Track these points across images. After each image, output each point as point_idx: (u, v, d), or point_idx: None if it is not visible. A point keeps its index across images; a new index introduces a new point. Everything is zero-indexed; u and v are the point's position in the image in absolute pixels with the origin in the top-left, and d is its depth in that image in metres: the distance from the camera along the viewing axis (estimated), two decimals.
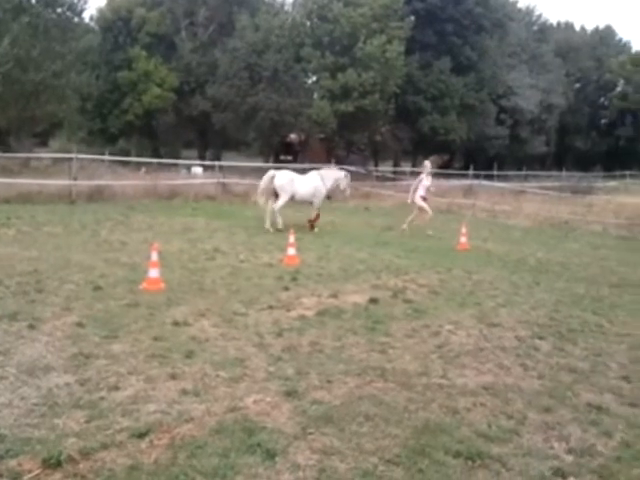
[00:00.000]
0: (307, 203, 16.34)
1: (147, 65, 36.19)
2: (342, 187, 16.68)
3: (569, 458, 4.28)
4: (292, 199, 15.68)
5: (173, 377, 5.31)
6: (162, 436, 4.25)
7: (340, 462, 4.03)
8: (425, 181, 16.48)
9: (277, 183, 15.36)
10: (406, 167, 44.55)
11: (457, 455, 4.19)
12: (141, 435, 4.23)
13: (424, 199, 16.46)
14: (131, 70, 36.36)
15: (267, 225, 15.18)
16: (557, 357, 6.48)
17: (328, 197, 16.71)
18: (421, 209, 16.62)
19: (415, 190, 16.61)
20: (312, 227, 15.68)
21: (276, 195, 15.41)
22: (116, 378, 5.22)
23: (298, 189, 15.58)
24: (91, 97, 36.88)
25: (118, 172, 24.49)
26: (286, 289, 8.93)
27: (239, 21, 36.74)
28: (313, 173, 16.74)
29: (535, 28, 58.95)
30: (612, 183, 41.05)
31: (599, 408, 5.16)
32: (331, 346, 6.43)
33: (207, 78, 37.65)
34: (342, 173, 17.07)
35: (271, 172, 15.86)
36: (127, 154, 34.57)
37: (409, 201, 16.97)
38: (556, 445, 4.47)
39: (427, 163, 17.22)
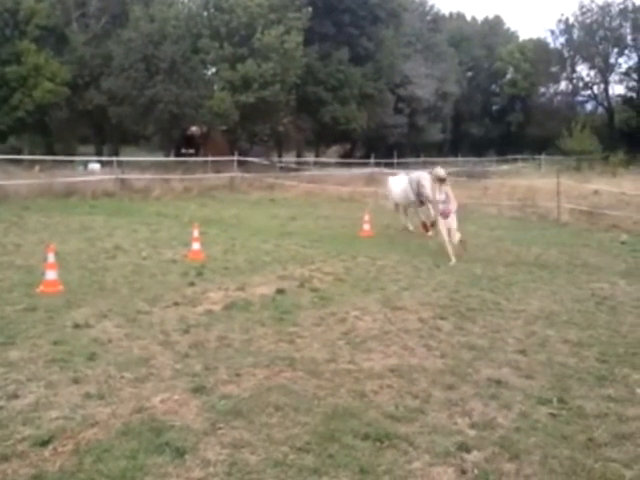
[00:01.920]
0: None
1: (37, 59, 34.49)
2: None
3: (472, 432, 4.46)
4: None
5: (75, 381, 5.15)
6: (66, 442, 4.12)
7: (251, 454, 4.03)
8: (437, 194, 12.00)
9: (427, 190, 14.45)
10: (309, 157, 44.86)
11: (366, 437, 4.28)
12: (44, 443, 4.09)
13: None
14: (20, 64, 34.55)
15: (411, 227, 15.53)
16: (458, 336, 6.73)
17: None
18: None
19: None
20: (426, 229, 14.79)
21: (421, 202, 14.96)
22: (15, 386, 5.01)
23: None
24: None
25: (10, 171, 23.33)
26: (192, 284, 8.83)
27: (133, 12, 35.69)
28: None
29: (429, 18, 60.44)
30: (505, 167, 42.86)
31: (498, 382, 5.40)
32: (239, 339, 6.41)
33: (102, 71, 36.35)
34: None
35: (414, 175, 15.41)
36: (19, 152, 32.96)
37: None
38: (460, 421, 4.65)
39: (438, 171, 12.22)
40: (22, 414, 4.53)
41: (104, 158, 30.63)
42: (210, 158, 30.10)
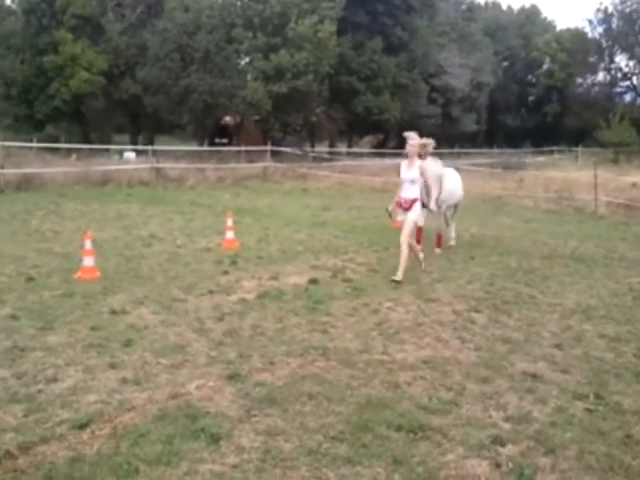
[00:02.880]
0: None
1: (74, 48, 34.94)
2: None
3: (507, 426, 4.42)
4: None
5: (112, 366, 5.23)
6: (103, 426, 4.19)
7: (285, 442, 4.06)
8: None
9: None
10: (342, 147, 44.73)
11: (399, 428, 4.27)
12: (82, 426, 4.16)
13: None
14: (57, 54, 35.05)
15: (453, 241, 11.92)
16: (493, 329, 6.67)
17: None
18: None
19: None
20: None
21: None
22: (54, 370, 5.11)
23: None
24: (16, 82, 35.52)
25: (47, 159, 23.71)
26: (226, 273, 8.89)
27: (167, 2, 35.92)
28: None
29: (464, 7, 59.69)
30: (541, 158, 42.26)
31: (534, 376, 5.34)
32: (273, 328, 6.45)
33: (137, 60, 36.70)
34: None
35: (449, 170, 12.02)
36: (56, 140, 33.45)
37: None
38: (494, 414, 4.61)
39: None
40: (61, 397, 4.61)
41: (139, 147, 30.95)
42: (243, 148, 30.24)
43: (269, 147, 28.15)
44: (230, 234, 11.12)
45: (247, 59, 38.58)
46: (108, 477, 3.58)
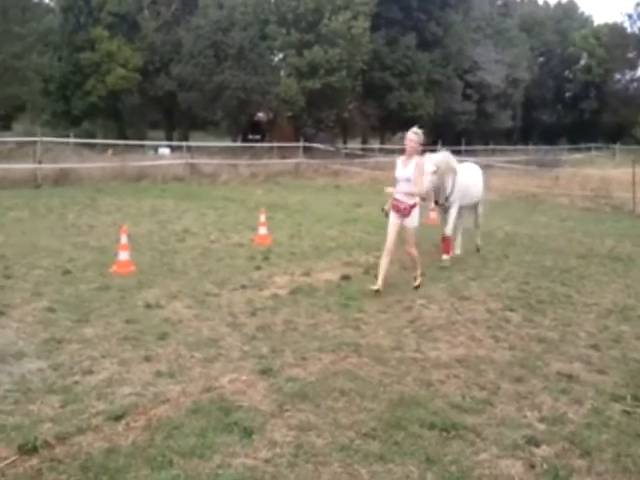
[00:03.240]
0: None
1: (110, 45, 35.41)
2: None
3: (541, 426, 4.37)
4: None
5: (147, 359, 5.29)
6: (138, 418, 4.24)
7: (317, 437, 4.06)
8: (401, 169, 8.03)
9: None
10: (374, 144, 44.58)
11: (432, 427, 4.25)
12: (117, 418, 4.21)
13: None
14: (94, 51, 35.55)
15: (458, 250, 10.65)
16: (527, 328, 6.59)
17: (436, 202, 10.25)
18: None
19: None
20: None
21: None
22: (89, 362, 5.19)
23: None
24: (53, 79, 36.09)
25: (84, 155, 24.11)
26: (258, 268, 8.93)
27: None
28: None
29: (499, 3, 58.86)
30: (578, 156, 41.64)
31: (569, 376, 5.26)
32: (305, 324, 6.46)
33: (172, 57, 37.02)
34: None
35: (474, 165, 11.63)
36: (92, 136, 33.99)
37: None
38: (529, 414, 4.56)
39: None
40: (96, 389, 4.68)
41: (174, 143, 31.24)
42: (276, 144, 30.33)
43: (301, 143, 28.20)
44: (263, 230, 11.17)
45: (280, 55, 38.64)
46: (142, 468, 3.62)
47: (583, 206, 18.72)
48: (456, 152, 34.89)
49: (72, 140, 25.56)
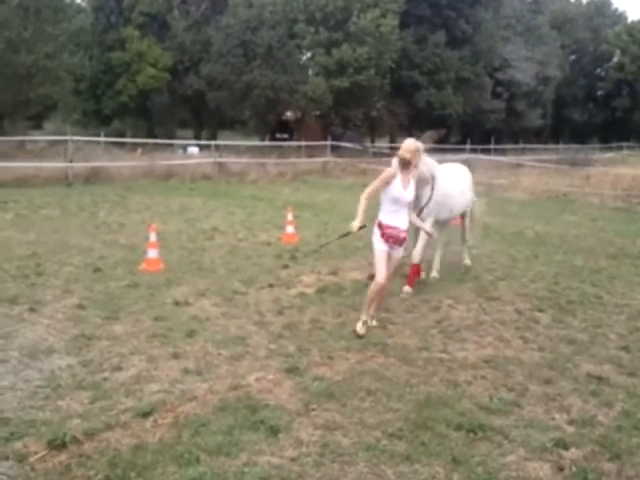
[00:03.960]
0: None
1: (140, 45, 35.81)
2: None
3: (570, 429, 4.32)
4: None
5: (175, 356, 5.34)
6: (166, 415, 4.28)
7: (343, 437, 4.06)
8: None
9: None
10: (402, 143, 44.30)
11: (459, 428, 4.22)
12: (145, 415, 4.26)
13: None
14: (124, 50, 35.98)
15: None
16: (556, 329, 6.52)
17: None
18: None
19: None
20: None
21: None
22: (118, 359, 5.25)
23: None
24: (84, 78, 36.56)
25: (114, 153, 24.39)
26: (285, 267, 8.95)
27: None
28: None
29: (530, 0, 58.32)
30: (609, 155, 40.97)
31: (599, 379, 5.19)
32: (332, 323, 6.46)
33: (201, 56, 37.29)
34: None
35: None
36: (122, 135, 34.37)
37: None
38: (557, 416, 4.51)
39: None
40: (125, 386, 4.74)
41: (203, 142, 31.44)
42: (304, 143, 30.34)
43: (329, 142, 28.17)
44: (290, 228, 11.19)
45: (309, 54, 38.65)
46: (170, 465, 3.66)
47: (614, 206, 18.43)
48: (485, 151, 34.72)
49: (102, 139, 25.85)
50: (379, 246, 6.15)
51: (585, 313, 7.16)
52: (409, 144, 6.43)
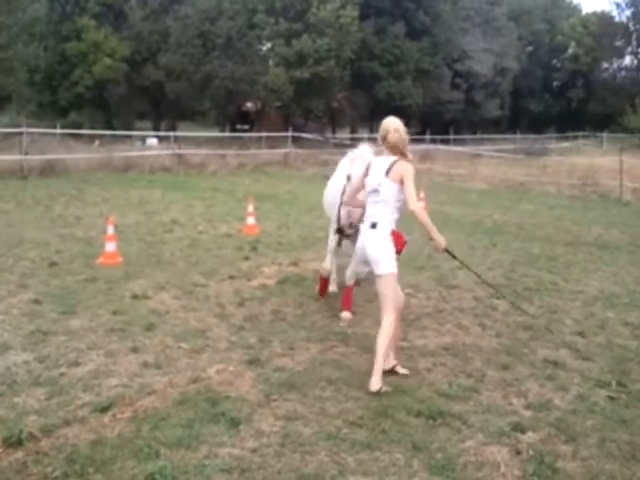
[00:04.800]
0: None
1: (97, 35, 35.11)
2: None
3: (527, 413, 4.40)
4: None
5: (134, 350, 5.27)
6: (125, 409, 4.22)
7: (304, 427, 4.06)
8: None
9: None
10: (364, 133, 44.51)
11: (419, 414, 4.26)
12: (103, 409, 4.20)
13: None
14: (80, 41, 35.24)
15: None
16: (514, 316, 6.62)
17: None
18: None
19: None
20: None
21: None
22: (76, 354, 5.16)
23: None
24: (39, 69, 35.79)
25: (70, 145, 23.91)
26: (246, 259, 8.92)
27: None
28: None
29: None
30: (565, 144, 41.71)
31: (555, 363, 5.30)
32: (293, 314, 6.46)
33: (159, 47, 36.78)
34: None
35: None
36: (79, 127, 33.68)
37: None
38: (515, 401, 4.58)
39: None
40: (82, 381, 4.66)
41: (162, 133, 31.07)
42: (264, 134, 30.21)
43: (290, 133, 28.10)
44: (251, 220, 11.15)
45: (269, 45, 38.50)
46: (129, 460, 3.61)
47: (570, 194, 18.81)
48: (445, 141, 35.02)
49: (58, 131, 25.33)
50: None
51: (542, 300, 7.30)
52: (392, 123, 4.91)
